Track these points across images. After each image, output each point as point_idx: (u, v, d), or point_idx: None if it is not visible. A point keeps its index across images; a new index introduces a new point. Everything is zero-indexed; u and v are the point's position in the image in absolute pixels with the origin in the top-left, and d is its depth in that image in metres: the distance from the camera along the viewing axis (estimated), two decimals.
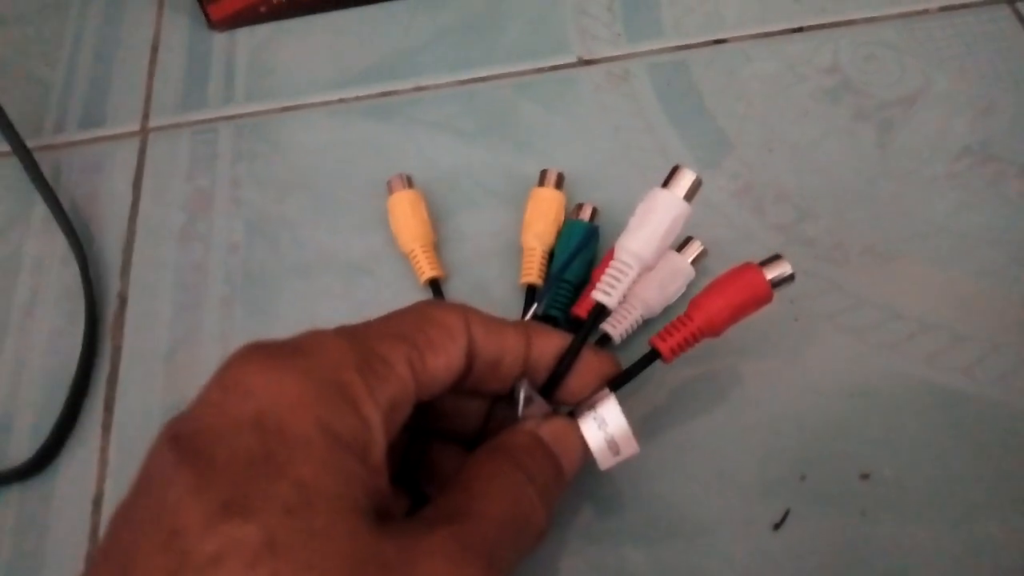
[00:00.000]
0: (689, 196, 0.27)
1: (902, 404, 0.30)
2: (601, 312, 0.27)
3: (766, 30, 0.40)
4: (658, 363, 0.27)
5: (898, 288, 0.32)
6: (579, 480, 0.29)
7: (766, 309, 0.31)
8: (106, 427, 0.32)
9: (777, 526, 0.28)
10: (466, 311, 0.25)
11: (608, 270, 0.27)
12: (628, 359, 0.27)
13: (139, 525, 0.18)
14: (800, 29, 0.39)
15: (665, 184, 0.27)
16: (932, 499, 0.28)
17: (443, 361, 0.23)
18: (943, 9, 0.39)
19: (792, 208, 0.34)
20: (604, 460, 0.26)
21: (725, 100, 0.38)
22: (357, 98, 0.40)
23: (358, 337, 0.22)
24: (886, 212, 0.34)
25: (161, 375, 0.33)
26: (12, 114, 0.38)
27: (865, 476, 0.28)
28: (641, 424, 0.30)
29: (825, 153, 0.36)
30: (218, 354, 0.33)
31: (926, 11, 0.39)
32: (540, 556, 0.28)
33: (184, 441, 0.19)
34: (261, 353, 0.21)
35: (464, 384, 0.25)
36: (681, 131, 0.37)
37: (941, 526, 0.27)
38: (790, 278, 0.27)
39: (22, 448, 0.32)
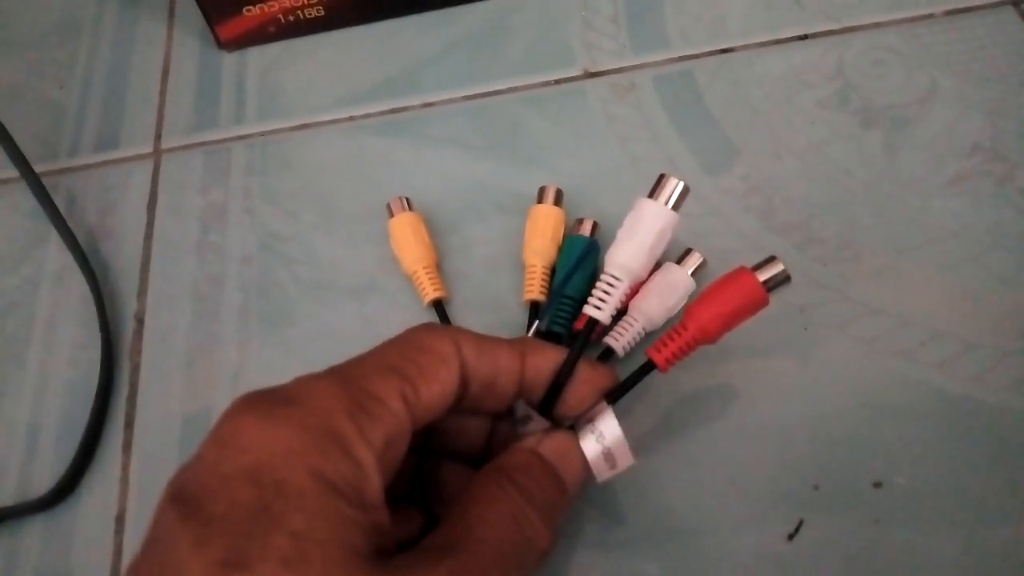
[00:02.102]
0: (676, 205, 0.27)
1: (914, 412, 0.30)
2: (594, 326, 0.27)
3: (771, 38, 0.40)
4: (670, 374, 0.27)
5: (908, 295, 0.32)
6: (591, 492, 0.29)
7: (777, 319, 0.32)
8: (127, 445, 0.33)
9: (791, 536, 0.28)
10: (456, 334, 0.25)
11: (598, 284, 0.27)
12: (632, 371, 0.27)
13: None
14: (805, 36, 0.40)
15: (651, 194, 0.27)
16: (946, 507, 0.28)
17: (436, 389, 0.23)
18: (948, 13, 0.39)
19: (800, 216, 0.34)
20: (600, 472, 0.26)
21: (731, 109, 0.38)
22: (366, 115, 0.40)
23: (348, 378, 0.22)
24: (895, 218, 0.34)
25: (180, 387, 0.34)
26: (27, 137, 0.39)
27: (878, 484, 0.28)
28: (653, 434, 0.30)
29: (832, 160, 0.36)
30: (235, 363, 0.34)
31: (931, 15, 0.39)
32: (553, 570, 0.28)
33: (185, 498, 0.20)
34: (254, 406, 0.21)
35: (462, 405, 0.25)
36: (688, 141, 0.37)
37: (955, 534, 0.27)
38: (785, 280, 0.26)
39: (47, 463, 0.33)
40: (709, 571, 0.28)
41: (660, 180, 0.27)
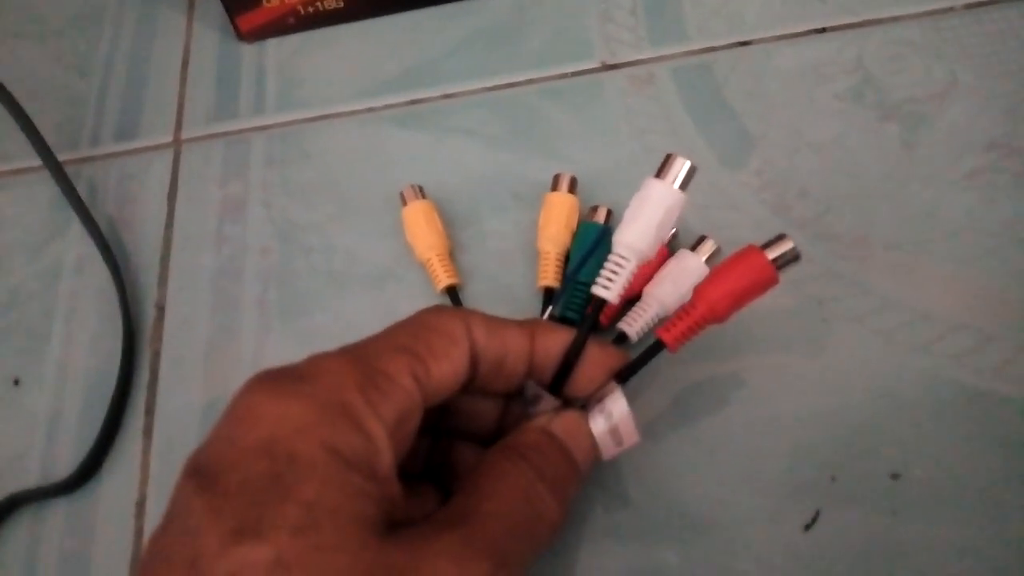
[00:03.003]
0: (684, 184, 0.27)
1: (932, 404, 0.30)
2: (602, 306, 0.27)
3: (790, 31, 0.40)
4: (688, 365, 0.27)
5: (926, 288, 0.32)
6: (609, 480, 0.29)
7: (794, 312, 0.32)
8: (147, 431, 0.33)
9: (808, 527, 0.28)
10: (466, 315, 0.25)
11: (606, 264, 0.27)
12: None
13: (165, 553, 0.20)
14: (824, 30, 0.39)
15: (658, 173, 0.27)
16: (964, 499, 0.28)
17: (446, 367, 0.24)
18: (968, 7, 0.39)
19: (817, 208, 0.34)
20: (606, 449, 0.26)
21: (749, 101, 0.38)
22: (385, 107, 0.40)
23: (360, 356, 0.23)
24: (912, 211, 0.34)
25: (200, 376, 0.34)
26: (49, 127, 0.40)
27: (896, 476, 0.29)
28: (670, 425, 0.30)
29: (850, 153, 0.36)
30: (255, 352, 0.34)
31: (951, 9, 0.39)
32: (570, 558, 0.28)
33: (201, 472, 0.21)
34: (267, 383, 0.22)
35: (473, 385, 0.25)
36: (705, 133, 0.37)
37: (973, 526, 0.27)
38: (795, 258, 0.25)
39: (68, 449, 0.33)
40: (727, 560, 0.28)
41: (667, 160, 0.27)
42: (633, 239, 0.27)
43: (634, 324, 0.31)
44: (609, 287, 0.27)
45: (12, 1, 0.47)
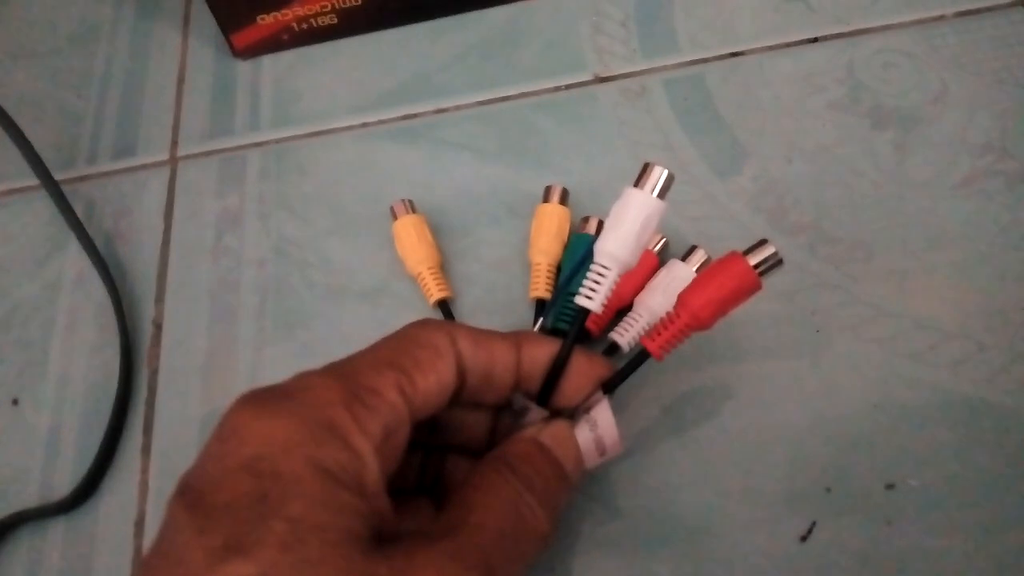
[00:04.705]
0: (662, 193, 0.27)
1: (926, 414, 0.30)
2: (586, 316, 0.27)
3: (782, 41, 0.40)
4: (683, 375, 0.27)
5: (919, 297, 0.32)
6: (602, 491, 0.29)
7: (788, 321, 0.32)
8: (146, 449, 0.33)
9: (803, 538, 0.28)
10: (452, 328, 0.25)
11: (588, 274, 0.27)
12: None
13: (154, 571, 0.20)
14: (816, 39, 0.40)
15: (637, 183, 0.27)
16: (958, 509, 0.28)
17: (433, 380, 0.24)
18: (958, 14, 0.39)
19: (810, 217, 0.35)
20: (589, 459, 0.26)
21: (742, 112, 0.38)
22: (380, 122, 0.41)
23: (345, 372, 0.23)
24: (906, 220, 0.34)
25: (198, 391, 0.34)
26: (46, 146, 0.40)
27: (891, 486, 0.29)
28: (665, 436, 0.30)
29: (843, 162, 0.36)
30: (251, 366, 0.35)
31: (942, 17, 0.39)
32: (562, 570, 0.28)
33: (189, 491, 0.21)
34: (253, 402, 0.22)
35: (461, 398, 0.26)
36: (698, 144, 0.37)
37: (968, 536, 0.27)
38: (777, 263, 0.25)
39: (67, 467, 0.33)
40: (721, 572, 0.28)
41: (645, 169, 0.27)
42: (613, 248, 0.27)
43: (625, 334, 0.31)
44: (592, 297, 0.27)
45: (8, 20, 0.48)
